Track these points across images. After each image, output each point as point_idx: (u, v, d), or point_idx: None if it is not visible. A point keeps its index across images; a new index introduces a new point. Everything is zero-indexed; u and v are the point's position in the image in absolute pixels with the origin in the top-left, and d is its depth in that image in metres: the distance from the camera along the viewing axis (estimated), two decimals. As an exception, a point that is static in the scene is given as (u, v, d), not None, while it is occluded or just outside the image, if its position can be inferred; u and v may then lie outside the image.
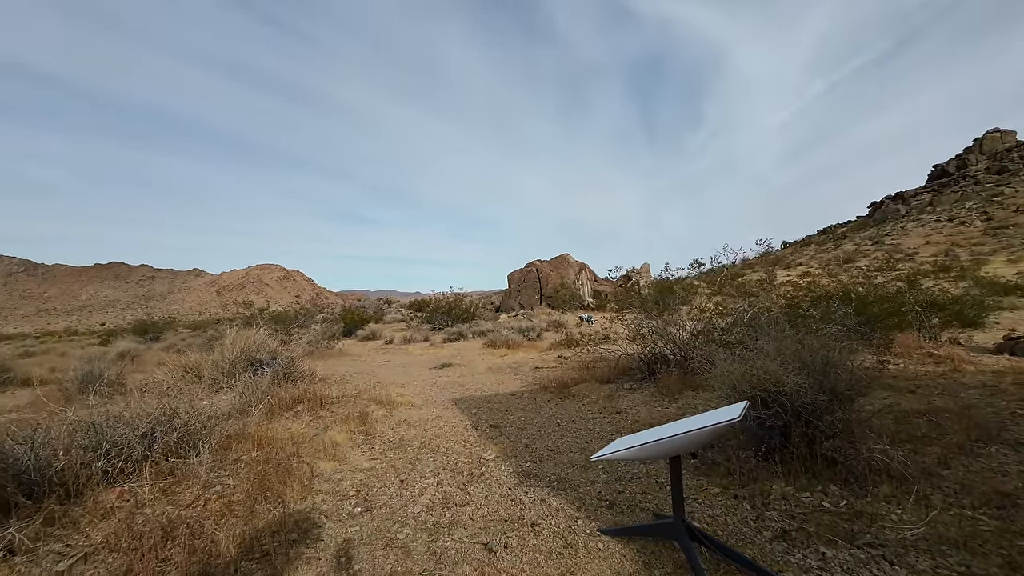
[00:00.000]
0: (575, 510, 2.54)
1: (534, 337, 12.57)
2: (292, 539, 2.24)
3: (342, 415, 4.55)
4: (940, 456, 2.79)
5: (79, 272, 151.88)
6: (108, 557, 2.00)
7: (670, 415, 4.27)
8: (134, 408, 3.18)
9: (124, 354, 11.50)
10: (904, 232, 44.75)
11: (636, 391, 5.35)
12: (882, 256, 37.47)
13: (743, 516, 2.35)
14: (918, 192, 57.00)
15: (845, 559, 1.93)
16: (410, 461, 3.43)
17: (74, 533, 2.22)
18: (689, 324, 6.20)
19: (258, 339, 7.00)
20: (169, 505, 2.51)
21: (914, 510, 2.22)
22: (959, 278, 18.29)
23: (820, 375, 2.83)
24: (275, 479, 2.83)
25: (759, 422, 2.83)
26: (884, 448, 2.64)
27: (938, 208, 48.81)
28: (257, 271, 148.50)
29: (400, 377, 7.61)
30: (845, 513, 2.25)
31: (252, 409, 4.45)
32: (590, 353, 7.80)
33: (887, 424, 3.29)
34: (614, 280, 26.68)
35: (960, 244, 35.94)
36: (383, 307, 31.47)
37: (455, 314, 17.44)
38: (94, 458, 2.69)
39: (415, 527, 2.41)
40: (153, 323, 21.54)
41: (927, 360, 5.75)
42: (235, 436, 3.62)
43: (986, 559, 1.84)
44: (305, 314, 18.05)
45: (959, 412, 3.55)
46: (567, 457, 3.42)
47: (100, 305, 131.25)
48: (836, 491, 2.46)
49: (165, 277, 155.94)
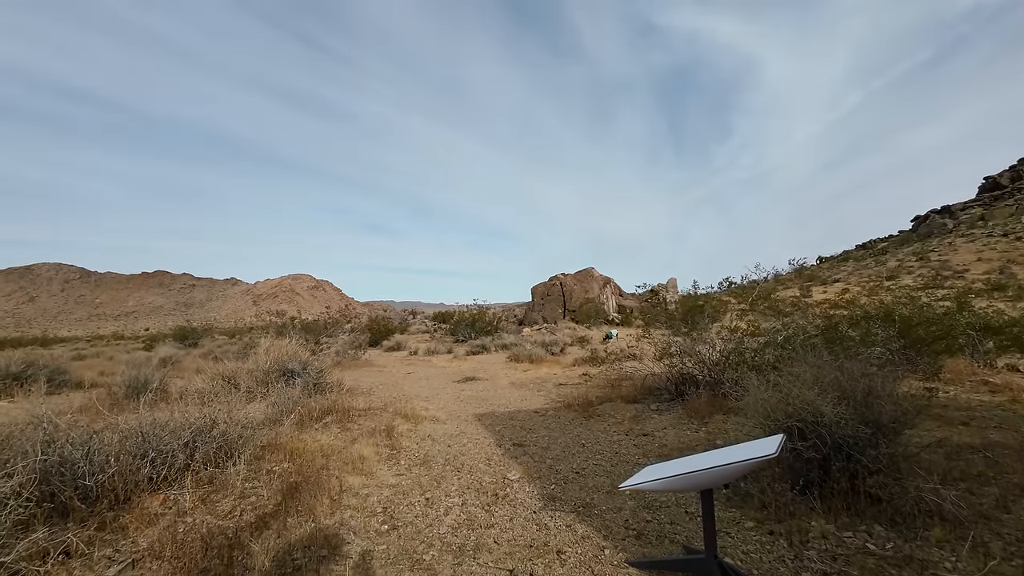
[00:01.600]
0: (602, 538, 2.49)
1: (558, 352, 12.48)
2: (322, 555, 2.29)
3: (369, 428, 4.64)
4: (999, 498, 2.59)
5: (127, 280, 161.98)
6: (153, 564, 2.10)
7: (699, 440, 4.15)
8: (177, 417, 3.35)
9: (166, 360, 12.12)
10: (952, 248, 42.22)
11: (663, 412, 5.23)
12: (928, 273, 35.41)
13: (779, 554, 2.25)
14: (967, 205, 53.84)
15: (893, 609, 1.81)
16: (435, 478, 3.45)
17: (122, 539, 2.34)
18: (719, 343, 6.03)
19: (290, 349, 7.26)
20: (208, 514, 2.62)
21: (970, 558, 2.06)
22: (1016, 298, 17.03)
23: (862, 405, 2.70)
24: (306, 492, 2.91)
25: (796, 454, 2.72)
26: (935, 487, 2.48)
27: (990, 222, 45.88)
28: (289, 281, 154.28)
29: (424, 390, 7.70)
30: (892, 557, 2.12)
31: (284, 419, 4.60)
32: (615, 371, 7.68)
33: (938, 460, 3.09)
34: (640, 295, 26.25)
35: (1017, 261, 33.56)
36: (408, 318, 32.01)
37: (478, 327, 17.56)
38: (141, 465, 2.84)
39: (440, 548, 2.42)
40: (192, 329, 22.62)
41: (982, 388, 5.37)
42: (268, 446, 3.75)
43: (1055, 618, 1.69)
44: (334, 324, 18.57)
45: (1020, 448, 3.29)
46: (592, 481, 3.37)
47: (145, 311, 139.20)
48: (881, 532, 2.32)
49: (204, 285, 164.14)
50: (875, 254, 53.23)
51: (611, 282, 27.05)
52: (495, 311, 24.93)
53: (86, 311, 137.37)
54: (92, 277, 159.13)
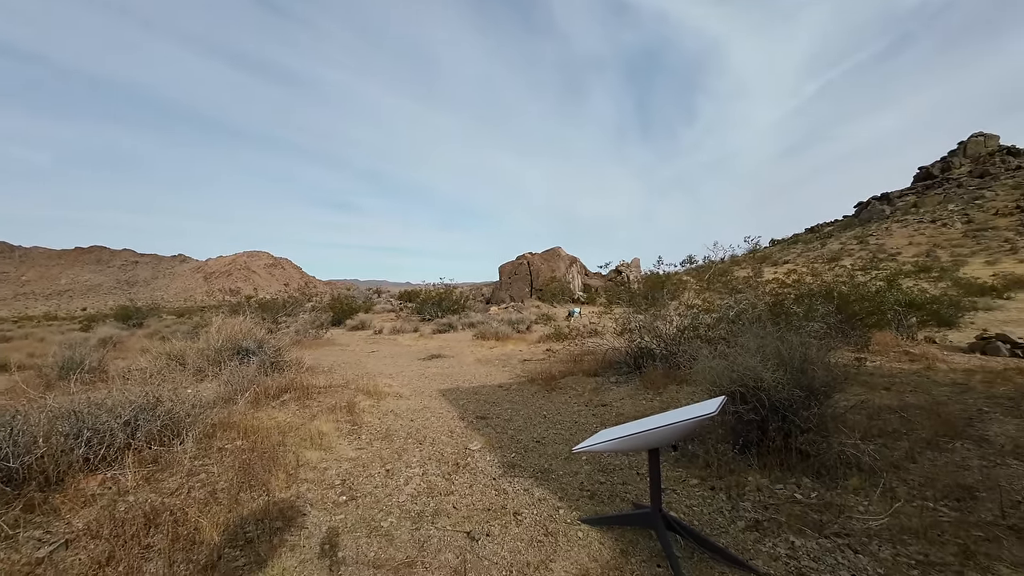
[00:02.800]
0: (557, 500, 2.60)
1: (524, 330, 12.63)
2: (276, 527, 2.26)
3: (329, 405, 4.55)
4: (908, 451, 2.91)
5: (58, 256, 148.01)
6: (90, 544, 2.00)
7: (654, 408, 4.36)
8: (116, 395, 3.15)
9: (106, 340, 11.30)
10: (888, 232, 45.66)
11: (622, 384, 5.44)
12: (866, 255, 38.24)
13: (718, 506, 2.43)
14: (903, 193, 58.09)
15: (813, 548, 2.01)
16: (396, 451, 3.46)
17: (55, 520, 2.21)
18: (676, 319, 6.30)
19: (245, 327, 6.94)
20: (152, 493, 2.51)
21: (880, 502, 2.31)
22: (938, 279, 18.77)
23: (798, 371, 2.92)
24: (260, 468, 2.84)
25: (738, 417, 2.92)
26: (856, 442, 2.74)
27: (922, 209, 49.84)
28: (244, 258, 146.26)
29: (388, 368, 7.61)
30: (815, 504, 2.34)
31: (238, 398, 4.43)
32: (578, 347, 7.89)
33: (860, 419, 3.41)
34: (604, 274, 26.83)
35: (941, 245, 36.82)
36: (372, 297, 31.28)
37: (445, 305, 17.42)
38: (75, 445, 2.67)
39: (399, 515, 2.45)
40: (136, 309, 21.11)
41: (903, 358, 5.93)
42: (220, 425, 3.61)
43: (943, 548, 1.93)
44: (293, 303, 17.86)
45: (929, 409, 3.68)
46: (552, 448, 3.48)
47: (81, 290, 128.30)
48: (808, 483, 2.55)
49: (149, 262, 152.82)
50: (821, 237, 56.80)
51: (577, 261, 27.46)
52: (462, 290, 24.80)
53: (10, 289, 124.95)
54: (16, 252, 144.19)
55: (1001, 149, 54.72)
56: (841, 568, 1.87)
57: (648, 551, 2.05)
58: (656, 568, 1.93)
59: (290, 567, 1.97)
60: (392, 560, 2.03)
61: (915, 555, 1.91)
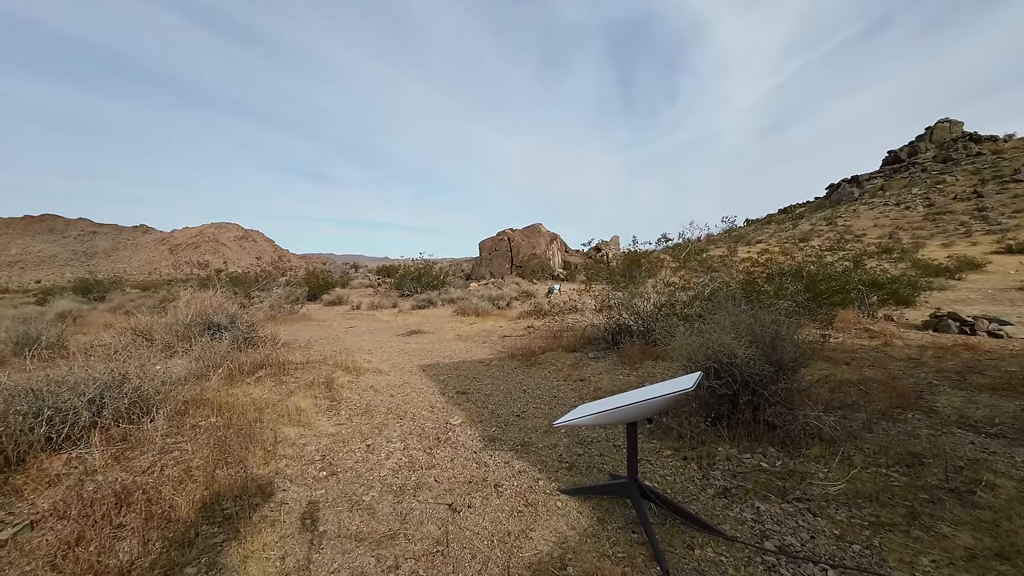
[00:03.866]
0: (537, 472, 2.67)
1: (504, 306, 12.67)
2: (255, 503, 2.24)
3: (307, 381, 4.49)
4: (865, 421, 3.10)
5: (6, 224, 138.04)
6: (57, 524, 1.94)
7: (631, 383, 4.49)
8: (78, 372, 3.00)
9: (65, 315, 10.75)
10: (856, 214, 47.36)
11: (600, 360, 5.56)
12: (834, 236, 39.68)
13: (690, 476, 2.55)
14: (872, 176, 60.03)
15: (776, 512, 2.14)
16: (376, 426, 3.46)
17: (17, 501, 2.13)
18: (654, 296, 6.42)
19: (215, 302, 6.69)
20: (123, 472, 2.44)
21: (838, 469, 2.47)
22: (899, 259, 19.72)
23: (769, 348, 3.03)
24: (237, 445, 2.80)
25: (711, 391, 3.03)
26: (818, 414, 2.90)
27: (888, 192, 51.76)
28: (213, 230, 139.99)
29: (367, 343, 7.54)
30: (779, 472, 2.48)
31: (211, 374, 4.31)
32: (558, 323, 7.98)
33: (823, 393, 3.60)
34: (585, 251, 26.99)
35: (903, 227, 38.52)
36: (350, 272, 30.63)
37: (425, 281, 17.25)
38: (35, 424, 2.55)
39: (381, 489, 2.46)
40: (97, 282, 20.06)
41: (864, 335, 6.26)
42: (193, 401, 3.51)
43: (893, 510, 2.09)
44: (266, 277, 17.31)
45: (885, 382, 3.92)
46: (531, 422, 3.55)
47: (33, 261, 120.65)
48: (774, 453, 2.70)
49: (108, 233, 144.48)
50: (793, 218, 58.49)
51: (558, 238, 27.47)
52: (442, 265, 24.55)
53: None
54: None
55: (964, 135, 56.90)
56: (801, 530, 2.00)
57: (624, 519, 2.14)
58: (631, 534, 2.02)
59: (270, 542, 1.97)
60: (374, 533, 2.06)
61: (868, 517, 2.06)
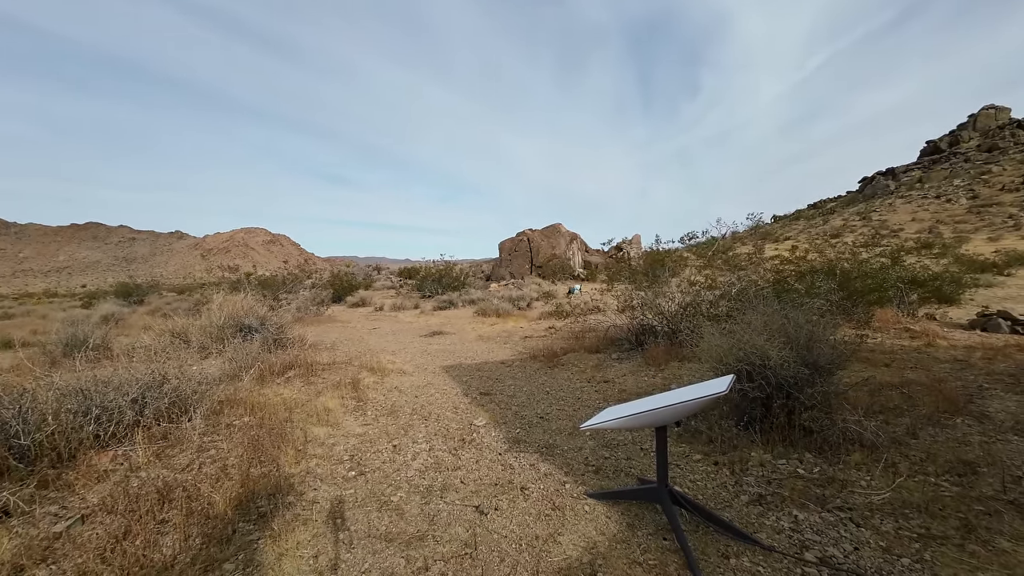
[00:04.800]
0: (563, 475, 2.64)
1: (524, 306, 12.65)
2: (288, 501, 2.30)
3: (334, 381, 4.59)
4: (909, 427, 2.94)
5: (55, 232, 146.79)
6: (106, 519, 2.03)
7: (656, 385, 4.40)
8: (122, 373, 3.15)
9: (108, 317, 11.32)
10: (892, 208, 45.21)
11: (624, 361, 5.47)
12: (868, 232, 37.97)
13: (722, 481, 2.47)
14: (909, 168, 57.19)
15: (816, 521, 2.05)
16: (402, 427, 3.50)
17: (69, 495, 2.24)
18: (678, 296, 6.28)
19: (246, 305, 6.93)
20: (164, 468, 2.55)
21: (882, 477, 2.35)
22: (940, 255, 18.71)
23: (804, 349, 2.91)
24: (269, 444, 2.88)
25: (742, 394, 2.93)
26: (858, 419, 2.77)
27: (927, 185, 49.18)
28: (242, 235, 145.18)
29: (391, 344, 7.65)
30: (818, 479, 2.38)
31: (243, 375, 4.45)
32: (579, 323, 7.91)
33: (862, 396, 3.43)
34: (605, 251, 26.69)
35: (944, 221, 36.52)
36: (372, 274, 31.22)
37: (445, 282, 17.40)
38: (84, 423, 2.69)
39: (408, 490, 2.49)
40: (136, 286, 21.08)
41: (904, 335, 5.95)
42: (227, 401, 3.64)
43: (945, 522, 1.97)
44: (293, 280, 17.82)
45: (930, 385, 3.71)
46: (555, 424, 3.52)
47: (79, 267, 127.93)
48: (811, 459, 2.59)
49: (146, 239, 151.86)
50: (824, 213, 56.27)
51: (578, 238, 27.25)
52: (462, 267, 24.72)
53: (9, 266, 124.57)
54: (12, 228, 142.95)
55: (1012, 122, 53.50)
56: (844, 541, 1.91)
57: (654, 525, 2.09)
58: (662, 541, 1.97)
59: (303, 540, 2.01)
60: (403, 534, 2.07)
61: (917, 528, 1.95)
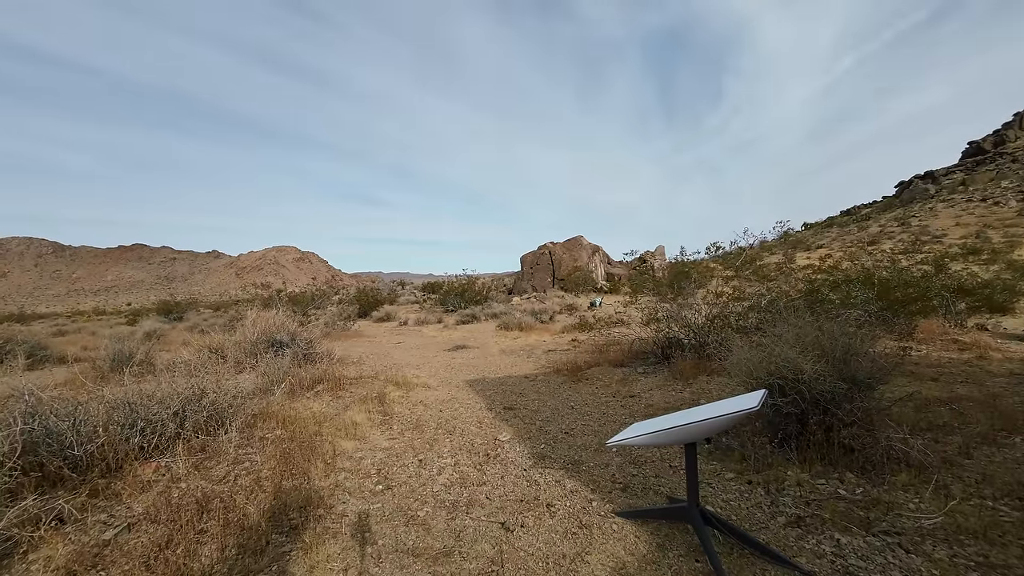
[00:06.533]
0: (589, 492, 2.60)
1: (547, 320, 12.60)
2: (318, 514, 2.35)
3: (361, 395, 4.68)
4: (961, 446, 2.75)
5: (104, 254, 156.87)
6: (150, 528, 2.13)
7: (684, 400, 4.28)
8: (165, 387, 3.32)
9: (151, 334, 11.93)
10: (933, 213, 42.98)
11: (650, 375, 5.36)
12: (908, 238, 36.16)
13: (757, 501, 2.37)
14: (950, 171, 54.41)
15: (860, 546, 1.94)
16: (428, 441, 3.53)
17: (116, 504, 2.36)
18: (705, 308, 6.14)
19: (278, 320, 7.19)
20: (202, 480, 2.65)
21: (933, 499, 2.20)
22: (990, 261, 17.59)
23: (840, 363, 2.79)
24: (300, 457, 2.96)
25: (775, 409, 2.82)
26: (903, 436, 2.62)
27: (971, 188, 46.60)
28: (274, 253, 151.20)
29: (415, 359, 7.75)
30: (861, 501, 2.25)
31: (274, 389, 4.60)
32: (603, 337, 7.81)
33: (907, 412, 3.25)
34: (628, 263, 26.39)
35: (993, 225, 34.38)
36: (397, 289, 31.83)
37: (468, 296, 17.57)
38: (130, 434, 2.83)
39: (434, 505, 2.50)
40: (176, 303, 22.25)
41: (952, 347, 5.61)
42: (260, 415, 3.76)
43: (1005, 550, 1.83)
44: (321, 296, 18.39)
45: (983, 401, 3.48)
46: (581, 440, 3.47)
47: (125, 286, 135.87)
48: (852, 479, 2.46)
49: (185, 259, 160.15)
50: (858, 220, 54.01)
51: (600, 250, 27.08)
52: (484, 281, 24.91)
53: (63, 286, 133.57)
54: (66, 251, 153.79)
55: (1063, 119, 50.34)
56: (892, 568, 1.80)
57: (686, 546, 2.02)
58: (695, 563, 1.90)
59: (333, 553, 2.05)
60: (430, 549, 2.08)
61: (974, 556, 1.81)
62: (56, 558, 1.89)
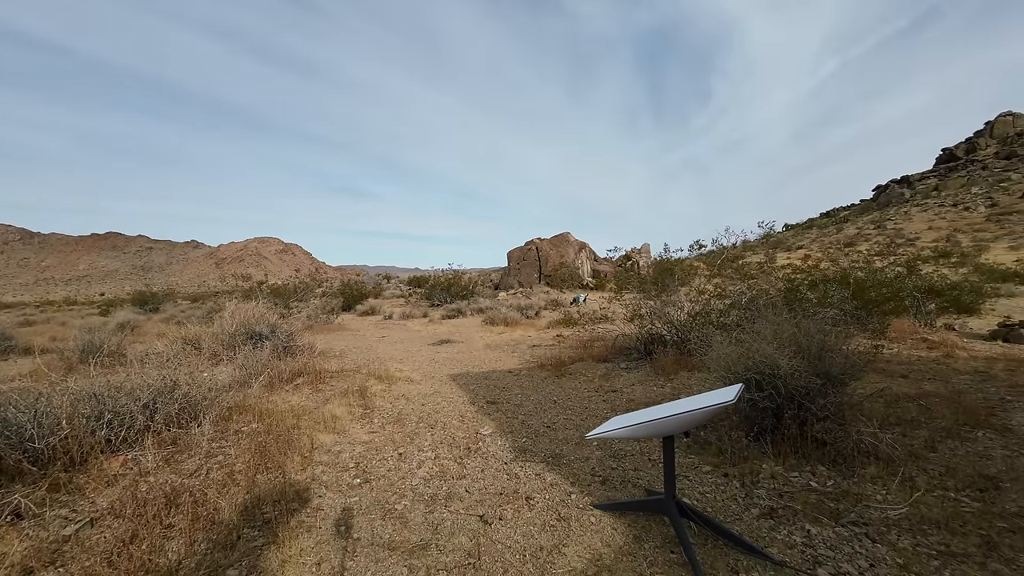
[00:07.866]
0: (569, 485, 2.61)
1: (532, 315, 12.63)
2: (293, 508, 2.30)
3: (341, 389, 4.61)
4: (927, 439, 2.85)
5: (76, 242, 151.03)
6: (114, 523, 2.05)
7: (665, 394, 4.34)
8: (135, 379, 3.21)
9: (124, 324, 11.54)
10: (907, 217, 44.43)
11: (632, 371, 5.42)
12: (883, 240, 37.32)
13: (732, 494, 2.42)
14: (924, 176, 56.27)
15: (829, 536, 1.99)
16: (408, 435, 3.49)
17: (80, 499, 2.27)
18: (687, 305, 6.22)
19: (257, 312, 7.02)
20: (172, 474, 2.57)
21: (899, 491, 2.27)
22: (959, 264, 18.28)
23: (815, 359, 2.86)
24: (276, 450, 2.89)
25: (752, 404, 2.87)
26: (873, 431, 2.69)
27: (943, 193, 48.31)
28: (256, 244, 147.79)
29: (399, 353, 7.68)
30: (831, 493, 2.31)
31: (252, 381, 4.50)
32: (588, 332, 7.86)
33: (878, 408, 3.35)
34: (614, 260, 26.61)
35: (962, 230, 35.76)
36: (382, 283, 31.49)
37: (454, 291, 17.47)
38: (97, 427, 2.73)
39: (413, 498, 2.47)
40: (152, 294, 21.55)
41: (921, 345, 5.81)
42: (236, 408, 3.67)
43: (965, 539, 1.90)
44: (304, 288, 18.06)
45: (949, 397, 3.61)
46: (562, 434, 3.49)
47: (98, 275, 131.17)
48: (824, 471, 2.52)
49: (163, 248, 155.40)
50: (837, 222, 55.50)
51: (586, 247, 27.23)
52: (471, 276, 24.82)
53: (32, 275, 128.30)
54: (35, 238, 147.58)
55: (1030, 129, 52.48)
56: (859, 557, 1.85)
57: (661, 537, 2.04)
58: (669, 554, 1.92)
59: (307, 547, 2.01)
60: (407, 542, 2.06)
61: (936, 545, 1.88)
62: (11, 555, 1.81)
